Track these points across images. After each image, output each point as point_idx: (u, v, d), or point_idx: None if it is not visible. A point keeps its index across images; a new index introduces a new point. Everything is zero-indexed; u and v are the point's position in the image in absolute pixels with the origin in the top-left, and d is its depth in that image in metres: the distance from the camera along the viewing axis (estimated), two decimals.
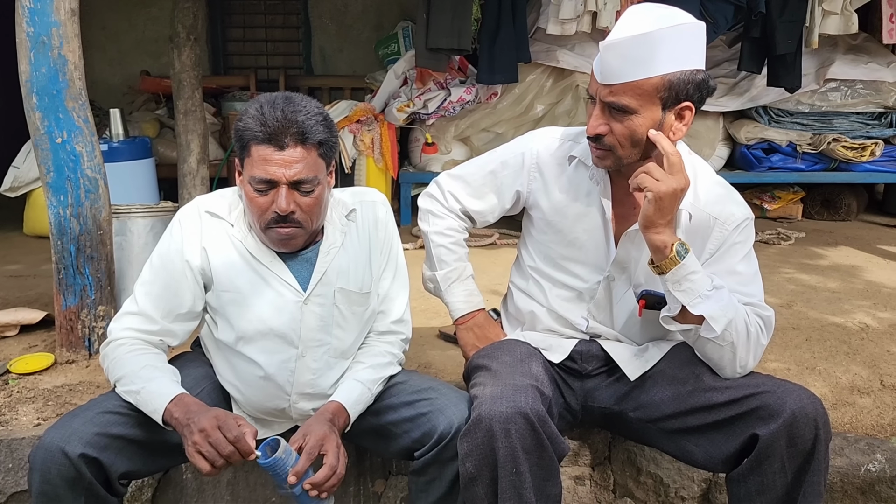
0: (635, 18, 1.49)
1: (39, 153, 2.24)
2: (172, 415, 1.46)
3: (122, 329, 1.61)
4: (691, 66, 1.49)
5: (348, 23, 5.80)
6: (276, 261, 1.63)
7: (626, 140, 1.54)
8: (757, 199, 4.56)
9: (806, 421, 1.47)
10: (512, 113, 4.35)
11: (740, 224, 1.64)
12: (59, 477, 1.42)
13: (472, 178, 1.86)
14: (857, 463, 1.92)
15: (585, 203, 1.70)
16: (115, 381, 1.56)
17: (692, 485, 1.98)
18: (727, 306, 1.52)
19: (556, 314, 1.77)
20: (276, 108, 1.49)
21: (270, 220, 1.53)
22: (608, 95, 1.51)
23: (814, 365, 2.36)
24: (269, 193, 1.52)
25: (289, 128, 1.48)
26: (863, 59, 4.39)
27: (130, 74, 5.50)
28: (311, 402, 1.68)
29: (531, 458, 1.47)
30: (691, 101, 1.52)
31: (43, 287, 2.97)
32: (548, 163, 1.75)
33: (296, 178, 1.50)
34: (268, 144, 1.49)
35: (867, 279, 3.32)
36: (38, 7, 2.14)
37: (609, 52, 1.49)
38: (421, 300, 2.92)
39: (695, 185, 1.62)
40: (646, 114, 1.51)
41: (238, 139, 1.53)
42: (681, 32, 1.47)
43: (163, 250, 1.64)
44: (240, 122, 1.52)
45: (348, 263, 1.68)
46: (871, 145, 4.31)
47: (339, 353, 1.70)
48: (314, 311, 1.64)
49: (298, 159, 1.50)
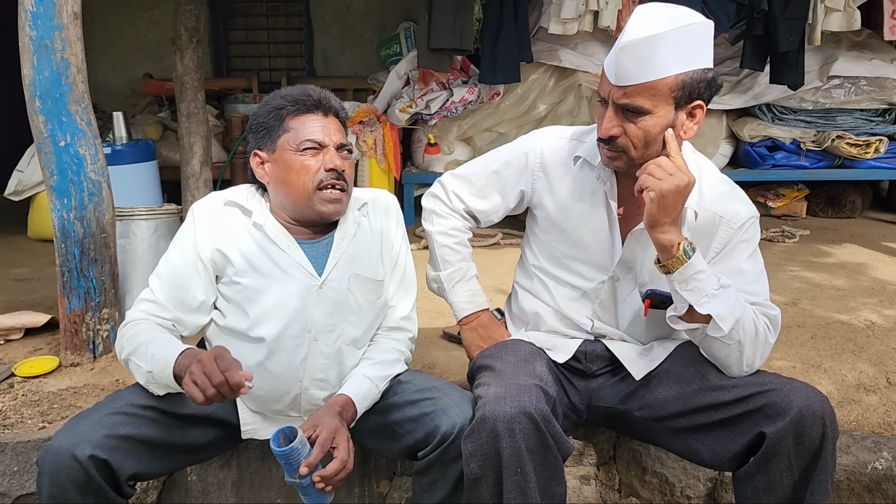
0: (647, 19, 1.48)
1: (43, 156, 2.24)
2: (181, 364, 1.47)
3: (138, 311, 1.65)
4: (702, 65, 1.50)
5: (350, 24, 5.81)
6: (293, 245, 1.66)
7: (639, 141, 1.54)
8: (761, 197, 4.55)
9: (813, 419, 1.46)
10: (514, 113, 4.34)
11: (745, 222, 1.63)
12: (68, 480, 1.43)
13: (475, 178, 1.86)
14: (864, 461, 1.92)
15: (591, 203, 1.69)
16: (129, 355, 1.57)
17: (698, 484, 1.97)
18: (734, 305, 1.51)
19: (561, 314, 1.77)
20: (303, 90, 1.64)
21: (323, 179, 1.62)
22: (622, 97, 1.51)
23: (819, 363, 2.35)
24: (317, 155, 1.62)
25: (325, 101, 1.65)
26: (866, 55, 4.37)
27: (133, 77, 5.51)
28: (322, 392, 1.69)
29: (536, 458, 1.47)
30: (702, 99, 1.53)
31: (47, 290, 2.98)
32: (552, 162, 1.74)
33: (340, 141, 1.65)
34: (311, 113, 1.63)
35: (873, 276, 3.31)
36: (41, 11, 2.15)
37: (624, 54, 1.48)
38: (425, 300, 2.91)
39: (700, 184, 1.61)
40: (660, 114, 1.51)
41: (266, 122, 1.64)
42: (692, 32, 1.47)
43: (177, 242, 1.68)
44: (265, 107, 1.65)
45: (362, 252, 1.71)
46: (875, 142, 4.30)
47: (351, 341, 1.71)
48: (329, 296, 1.66)
49: (337, 128, 1.66)
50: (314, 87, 1.67)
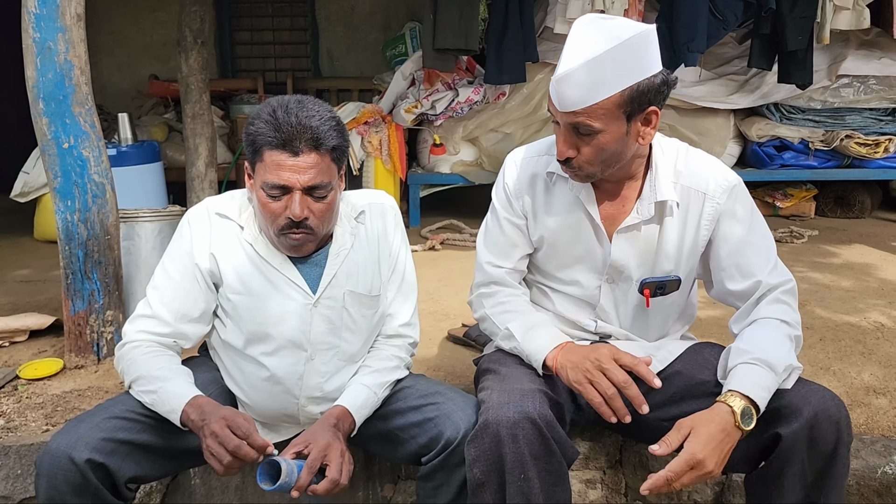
0: (582, 41, 1.45)
1: (46, 158, 2.24)
2: (189, 416, 1.47)
3: (136, 331, 1.62)
4: (648, 74, 1.47)
5: (356, 24, 5.80)
6: (287, 263, 1.62)
7: (595, 158, 1.53)
8: (769, 197, 4.52)
9: (828, 422, 1.45)
10: (520, 113, 4.33)
11: (727, 190, 1.62)
12: (65, 483, 1.42)
13: (493, 238, 1.77)
14: (874, 465, 1.89)
15: (573, 213, 1.68)
16: (131, 382, 1.57)
17: (705, 488, 1.95)
18: (789, 355, 1.50)
19: (563, 317, 1.76)
20: (289, 113, 1.47)
21: (283, 225, 1.53)
22: (571, 118, 1.50)
23: (828, 365, 2.32)
24: (282, 199, 1.51)
25: (303, 133, 1.47)
26: (875, 54, 4.34)
27: (138, 78, 5.52)
28: (320, 406, 1.67)
29: (539, 463, 1.45)
30: (655, 104, 1.51)
31: (52, 292, 2.98)
32: (526, 184, 1.71)
33: (310, 183, 1.49)
34: (282, 150, 1.47)
35: (882, 277, 3.28)
36: (44, 13, 2.14)
37: (563, 84, 1.46)
38: (429, 302, 2.91)
39: (676, 162, 1.63)
40: (611, 130, 1.49)
41: (250, 143, 1.52)
42: (629, 47, 1.43)
43: (173, 253, 1.64)
44: (252, 125, 1.51)
45: (357, 266, 1.67)
46: (884, 141, 4.26)
47: (348, 357, 1.69)
48: (324, 313, 1.64)
49: (312, 165, 1.49)
50: (305, 110, 1.49)
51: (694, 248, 1.66)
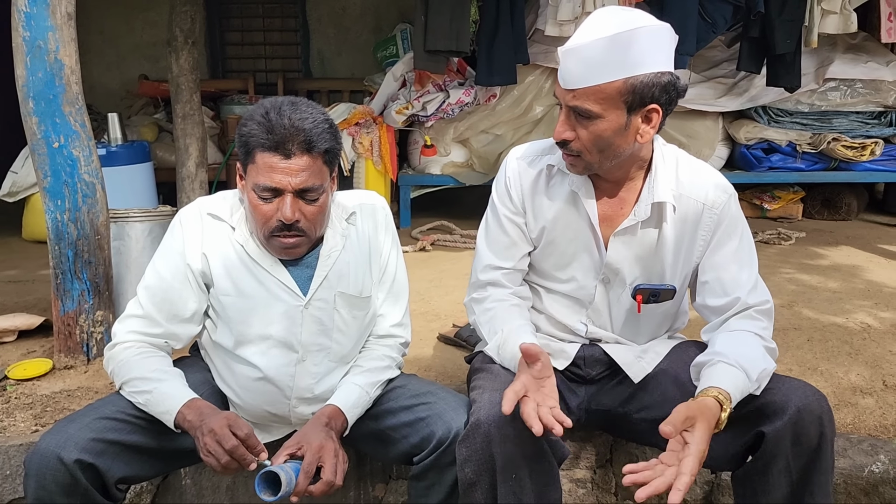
0: (597, 22, 1.46)
1: (36, 158, 2.23)
2: (185, 417, 1.48)
3: (126, 331, 1.61)
4: (655, 69, 1.47)
5: (346, 25, 5.80)
6: (277, 265, 1.62)
7: (591, 145, 1.53)
8: (757, 199, 4.55)
9: (811, 418, 1.46)
10: (511, 114, 4.34)
11: (725, 202, 1.64)
12: (54, 483, 1.42)
13: (493, 236, 1.76)
14: (861, 464, 1.91)
15: (571, 210, 1.68)
16: (123, 384, 1.56)
17: (694, 487, 1.96)
18: (764, 367, 1.50)
19: (555, 320, 1.76)
20: (282, 116, 1.47)
21: (274, 228, 1.53)
22: (572, 100, 1.50)
23: (815, 365, 2.35)
24: (273, 201, 1.51)
25: (296, 136, 1.46)
26: (862, 58, 4.38)
27: (129, 78, 5.50)
28: (311, 407, 1.67)
29: (530, 462, 1.46)
30: (658, 103, 1.50)
31: (41, 292, 2.97)
32: (527, 179, 1.71)
33: (301, 186, 1.49)
34: (274, 152, 1.47)
35: (868, 279, 3.31)
36: (34, 12, 2.13)
37: (569, 58, 1.47)
38: (420, 303, 2.91)
39: (676, 171, 1.63)
40: (610, 118, 1.49)
41: (242, 145, 1.52)
42: (643, 35, 1.44)
43: (165, 252, 1.64)
44: (244, 127, 1.51)
45: (348, 268, 1.67)
46: (871, 144, 4.30)
47: (339, 358, 1.69)
48: (314, 315, 1.64)
49: (304, 167, 1.48)
50: (298, 112, 1.48)
51: (689, 256, 1.66)
